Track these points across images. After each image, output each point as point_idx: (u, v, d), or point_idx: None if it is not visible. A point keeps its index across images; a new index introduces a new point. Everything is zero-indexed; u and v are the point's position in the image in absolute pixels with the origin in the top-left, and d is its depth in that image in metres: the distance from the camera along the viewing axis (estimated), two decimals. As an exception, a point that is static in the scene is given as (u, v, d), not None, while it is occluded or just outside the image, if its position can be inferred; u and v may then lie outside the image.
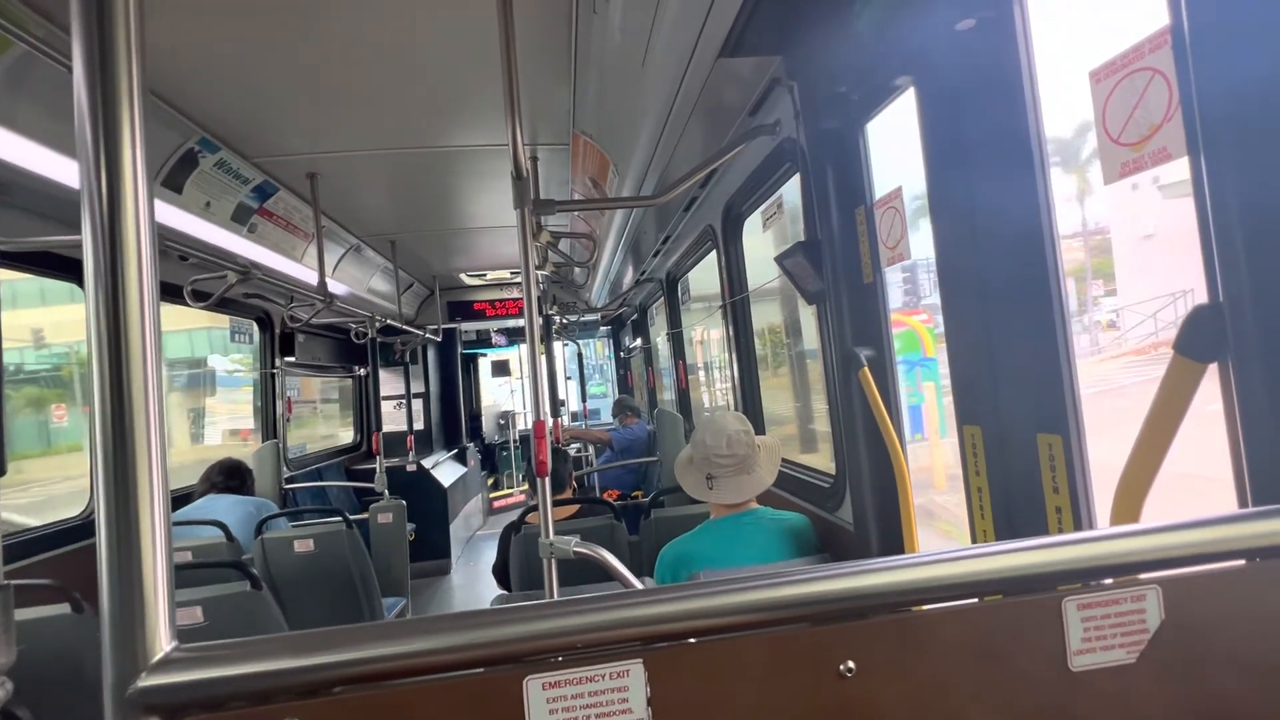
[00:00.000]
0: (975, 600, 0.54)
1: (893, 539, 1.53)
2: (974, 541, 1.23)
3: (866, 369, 1.50)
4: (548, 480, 1.39)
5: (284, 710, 0.46)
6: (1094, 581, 0.54)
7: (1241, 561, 0.56)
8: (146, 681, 0.43)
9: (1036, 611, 0.53)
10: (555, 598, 1.38)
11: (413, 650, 0.47)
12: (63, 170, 1.79)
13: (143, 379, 0.46)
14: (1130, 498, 0.76)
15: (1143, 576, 0.54)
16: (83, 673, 1.66)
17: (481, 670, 0.49)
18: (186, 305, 2.63)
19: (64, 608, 1.69)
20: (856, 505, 1.64)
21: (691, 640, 0.51)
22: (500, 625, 0.48)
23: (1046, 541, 0.53)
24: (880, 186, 1.56)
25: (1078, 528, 1.01)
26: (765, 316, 3.24)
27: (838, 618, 0.52)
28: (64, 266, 2.33)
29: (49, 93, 1.62)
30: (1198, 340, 0.74)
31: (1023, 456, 1.10)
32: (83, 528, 2.42)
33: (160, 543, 0.44)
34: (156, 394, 0.46)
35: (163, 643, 0.44)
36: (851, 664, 0.51)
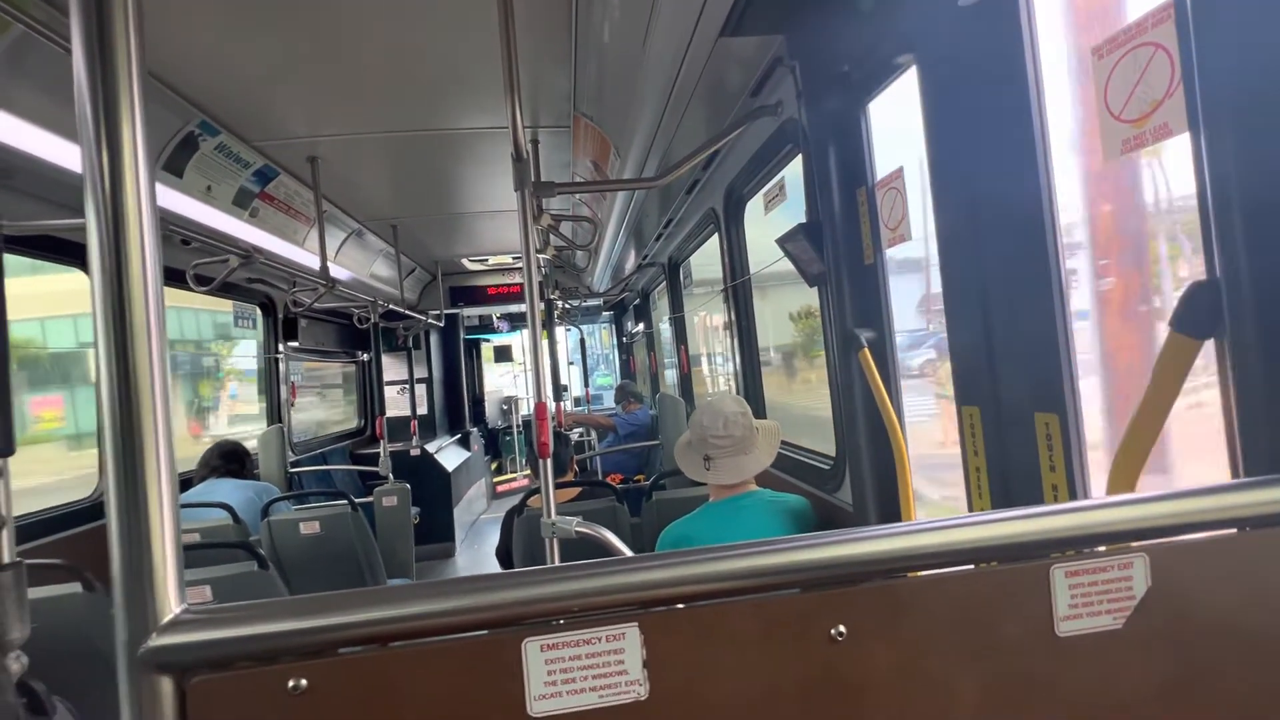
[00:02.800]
0: (965, 567, 0.55)
1: (892, 519, 1.54)
2: None
3: (867, 350, 1.51)
4: (549, 462, 1.41)
5: (290, 670, 0.47)
6: (1083, 550, 0.55)
7: (1231, 530, 0.57)
8: (157, 641, 0.45)
9: (1024, 578, 0.54)
10: None
11: (414, 613, 0.48)
12: (64, 154, 1.79)
13: (147, 357, 0.47)
14: (1126, 471, 0.77)
15: (1132, 545, 0.55)
16: (95, 649, 1.69)
17: (481, 633, 0.50)
18: (190, 290, 2.64)
19: (75, 587, 1.72)
20: (856, 486, 1.65)
21: (687, 605, 0.52)
22: (499, 589, 0.50)
23: (1035, 511, 0.54)
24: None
25: None
26: (801, 298, 3.12)
27: (829, 584, 0.53)
28: (66, 250, 2.34)
29: (49, 75, 1.62)
30: (1194, 317, 0.74)
31: (1020, 436, 1.10)
32: (92, 509, 2.45)
33: (167, 507, 0.45)
34: (161, 370, 0.47)
35: (172, 604, 0.45)
36: (842, 628, 0.52)
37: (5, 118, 1.63)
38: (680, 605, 0.52)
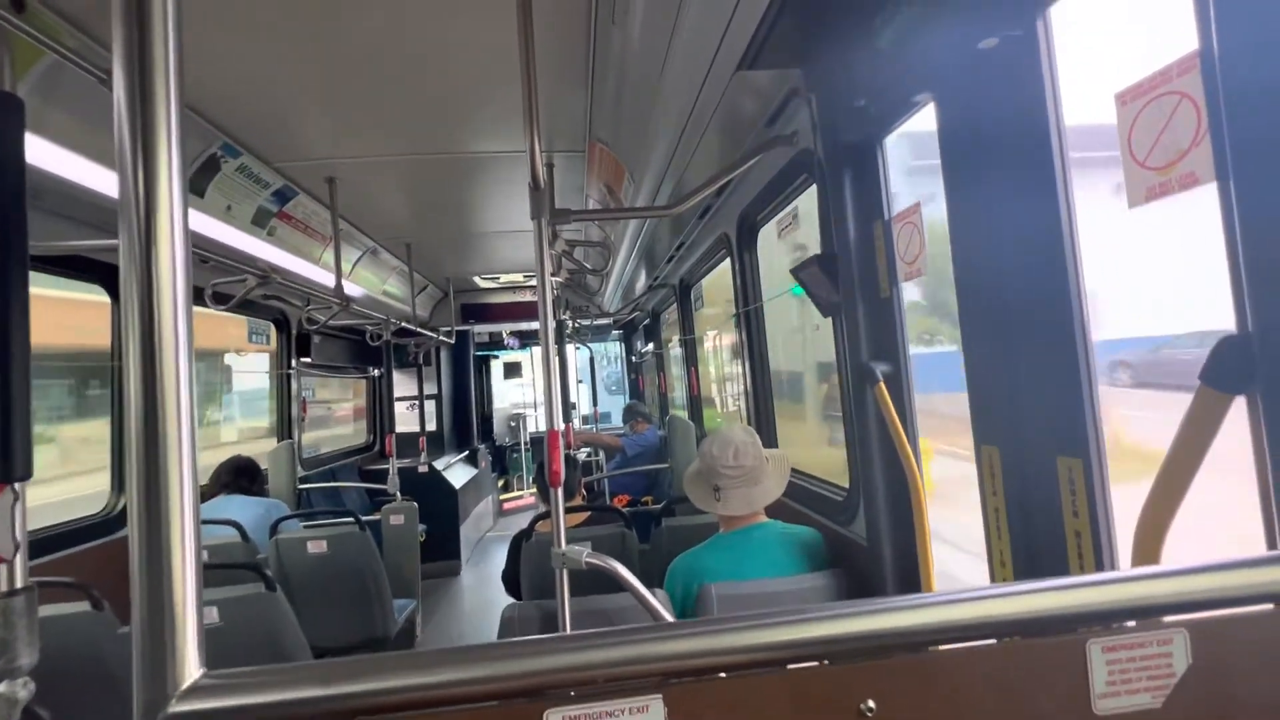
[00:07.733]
0: (997, 640, 0.53)
1: (907, 555, 1.51)
2: (990, 561, 1.22)
3: (883, 384, 1.49)
4: (560, 490, 1.40)
5: None
6: (1118, 624, 0.53)
7: (1269, 606, 0.55)
8: (176, 708, 0.44)
9: (1059, 653, 0.52)
10: (567, 609, 1.39)
11: (435, 681, 0.47)
12: (89, 175, 1.82)
13: (175, 389, 0.46)
14: (1152, 533, 0.75)
15: (1168, 619, 0.53)
16: (101, 668, 1.68)
17: (500, 703, 0.49)
18: (206, 308, 2.67)
19: (82, 605, 1.72)
20: (870, 520, 1.63)
21: (711, 677, 0.51)
22: (521, 658, 0.49)
23: (1069, 582, 0.53)
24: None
25: (1097, 553, 0.99)
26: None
27: (858, 656, 0.52)
28: (89, 269, 2.37)
29: (79, 100, 1.66)
30: (1225, 371, 0.73)
31: (1042, 479, 1.09)
32: (101, 525, 2.45)
33: (190, 571, 0.45)
34: (189, 405, 0.46)
35: (191, 669, 0.45)
36: (872, 703, 0.51)
37: (36, 141, 1.66)
38: (705, 676, 0.51)
